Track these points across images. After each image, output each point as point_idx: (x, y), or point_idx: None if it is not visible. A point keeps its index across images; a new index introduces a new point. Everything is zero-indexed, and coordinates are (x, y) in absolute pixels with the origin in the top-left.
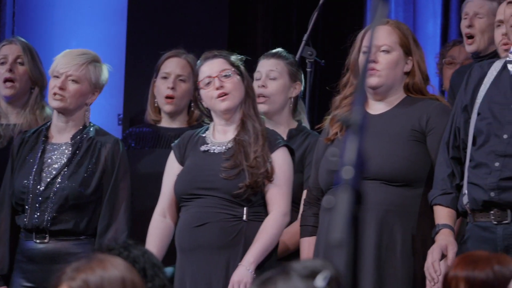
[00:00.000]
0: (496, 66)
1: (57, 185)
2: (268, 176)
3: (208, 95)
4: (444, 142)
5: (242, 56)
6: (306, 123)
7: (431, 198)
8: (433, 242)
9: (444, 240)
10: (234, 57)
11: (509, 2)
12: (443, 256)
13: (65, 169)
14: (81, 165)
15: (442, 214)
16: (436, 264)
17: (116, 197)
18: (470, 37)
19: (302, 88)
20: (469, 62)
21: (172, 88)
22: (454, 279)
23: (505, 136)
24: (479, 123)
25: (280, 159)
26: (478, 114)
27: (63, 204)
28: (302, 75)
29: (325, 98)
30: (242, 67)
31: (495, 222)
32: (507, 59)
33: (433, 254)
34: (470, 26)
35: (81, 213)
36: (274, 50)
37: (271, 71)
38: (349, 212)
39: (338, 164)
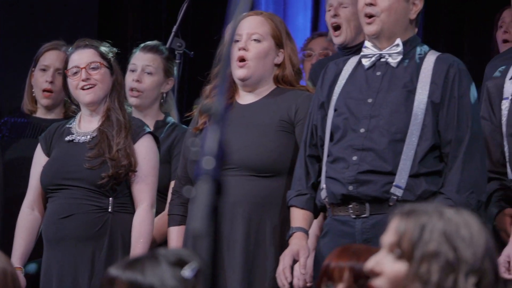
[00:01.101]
0: (352, 62)
1: None
2: (131, 168)
3: (73, 85)
4: (302, 140)
5: (114, 48)
6: (175, 116)
7: (288, 198)
8: (287, 244)
9: (296, 244)
10: (105, 49)
11: None
12: (296, 261)
13: None
14: None
15: (297, 217)
16: (286, 271)
17: None
18: (337, 28)
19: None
20: (325, 53)
21: (51, 82)
22: (337, 268)
23: (362, 130)
24: (336, 119)
25: (144, 148)
26: (335, 110)
27: None
28: (175, 70)
29: (194, 89)
30: (112, 60)
31: (354, 216)
32: (362, 53)
33: (284, 260)
34: (335, 15)
35: None
36: (151, 43)
37: (147, 66)
38: (209, 202)
39: (199, 154)
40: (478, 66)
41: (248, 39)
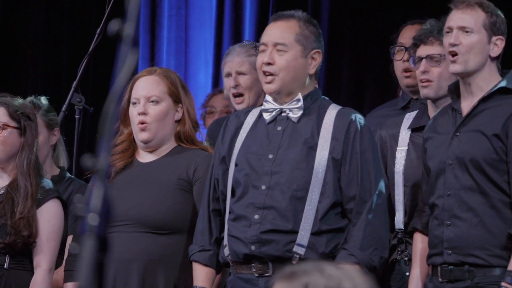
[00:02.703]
0: (253, 114)
1: None
2: (31, 239)
3: None
4: (205, 194)
5: (30, 108)
6: (65, 161)
7: (190, 253)
8: None
9: None
10: (17, 107)
11: (261, 50)
12: None
13: None
14: None
15: (201, 275)
16: None
17: None
18: (239, 95)
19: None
20: (227, 110)
21: None
22: None
23: (263, 187)
24: (237, 174)
25: (49, 212)
26: (236, 165)
27: None
28: (58, 121)
29: (94, 144)
30: (24, 119)
31: (257, 275)
32: (262, 107)
33: None
34: (236, 86)
35: None
36: (28, 100)
37: None
38: (93, 259)
39: (84, 210)
40: None
41: (146, 102)
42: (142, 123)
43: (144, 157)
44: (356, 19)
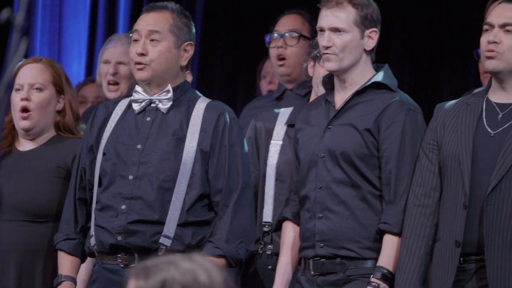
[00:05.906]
0: (122, 104)
1: None
2: None
3: None
4: (72, 182)
5: None
6: None
7: (55, 241)
8: None
9: None
10: None
11: (134, 39)
12: None
13: None
14: None
15: (65, 263)
16: None
17: None
18: (115, 83)
19: None
20: (99, 101)
21: None
22: None
23: (130, 177)
24: (104, 164)
25: None
26: (104, 154)
27: None
28: None
29: None
30: None
31: (123, 265)
32: (132, 98)
33: None
34: (115, 74)
35: None
36: None
37: None
38: None
39: None
40: None
41: (30, 88)
42: (25, 109)
43: (24, 145)
44: (230, 13)
